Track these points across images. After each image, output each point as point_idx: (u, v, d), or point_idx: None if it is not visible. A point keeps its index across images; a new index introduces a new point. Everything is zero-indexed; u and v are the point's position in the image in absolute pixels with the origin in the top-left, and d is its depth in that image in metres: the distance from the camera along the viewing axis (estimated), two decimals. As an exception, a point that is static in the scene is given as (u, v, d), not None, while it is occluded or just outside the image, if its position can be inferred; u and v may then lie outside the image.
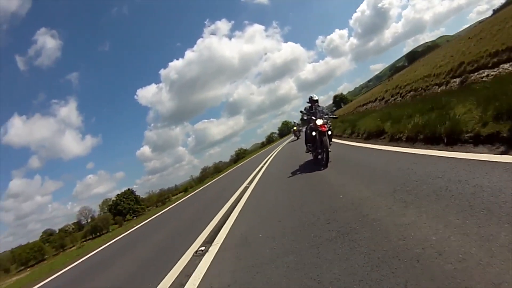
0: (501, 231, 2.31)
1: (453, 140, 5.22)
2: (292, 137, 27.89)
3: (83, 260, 10.38)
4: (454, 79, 16.74)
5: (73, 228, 66.97)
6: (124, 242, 11.20)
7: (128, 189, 55.20)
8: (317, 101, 7.83)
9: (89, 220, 68.35)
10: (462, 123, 5.19)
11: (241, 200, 8.23)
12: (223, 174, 32.08)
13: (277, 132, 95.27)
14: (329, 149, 6.98)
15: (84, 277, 7.67)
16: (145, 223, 15.39)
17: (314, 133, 7.25)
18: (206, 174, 55.90)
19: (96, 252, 11.27)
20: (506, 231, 2.29)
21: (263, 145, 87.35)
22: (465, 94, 6.88)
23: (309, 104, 8.04)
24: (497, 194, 2.88)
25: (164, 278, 4.41)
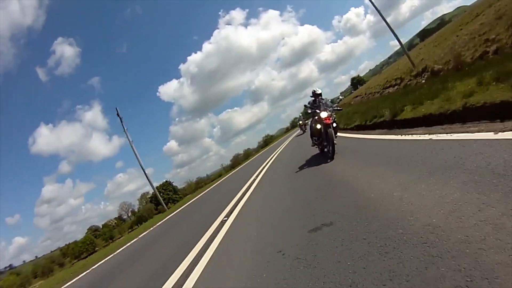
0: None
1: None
2: (298, 131, 27.39)
3: (136, 240, 13.02)
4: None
5: (115, 223, 70.34)
6: (172, 220, 14.23)
7: (166, 181, 59.65)
8: (320, 94, 7.87)
9: (129, 214, 71.46)
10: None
11: (262, 172, 10.83)
12: (252, 158, 36.31)
13: (300, 116, 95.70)
14: (334, 141, 6.89)
15: (144, 248, 9.39)
16: (190, 203, 18.55)
17: (319, 126, 7.25)
18: (238, 161, 58.77)
19: (147, 232, 14.12)
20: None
21: (287, 130, 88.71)
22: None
23: (313, 98, 8.04)
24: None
25: (214, 220, 6.93)
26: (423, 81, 13.12)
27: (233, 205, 7.98)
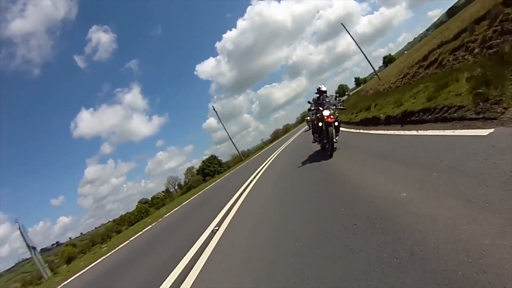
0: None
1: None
2: (305, 126, 26.26)
3: (189, 201, 17.97)
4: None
5: (163, 195, 76.22)
6: (218, 184, 19.25)
7: (212, 155, 65.41)
8: (325, 91, 7.84)
9: (176, 187, 77.49)
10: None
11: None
12: (288, 133, 41.02)
13: (335, 94, 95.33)
14: (335, 140, 6.94)
15: (198, 204, 13.62)
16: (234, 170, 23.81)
17: (320, 124, 7.33)
18: (278, 135, 63.60)
19: (198, 195, 19.19)
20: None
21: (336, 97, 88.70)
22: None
23: (317, 95, 7.97)
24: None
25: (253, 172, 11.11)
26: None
27: (264, 164, 12.28)
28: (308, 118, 22.09)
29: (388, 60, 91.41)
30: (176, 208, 16.98)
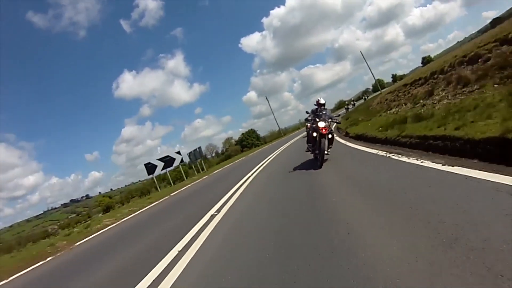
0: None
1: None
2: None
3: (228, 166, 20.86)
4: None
5: (200, 161, 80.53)
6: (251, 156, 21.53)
7: (251, 129, 67.22)
8: (323, 104, 8.01)
9: (213, 155, 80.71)
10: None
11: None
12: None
13: (370, 88, 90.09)
14: (326, 152, 7.20)
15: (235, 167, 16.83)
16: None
17: (315, 134, 7.44)
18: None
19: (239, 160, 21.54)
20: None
21: (363, 94, 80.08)
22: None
23: (316, 107, 8.12)
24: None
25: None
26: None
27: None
28: (308, 125, 21.61)
29: (426, 61, 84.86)
30: (217, 171, 20.91)
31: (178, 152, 29.69)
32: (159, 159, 27.76)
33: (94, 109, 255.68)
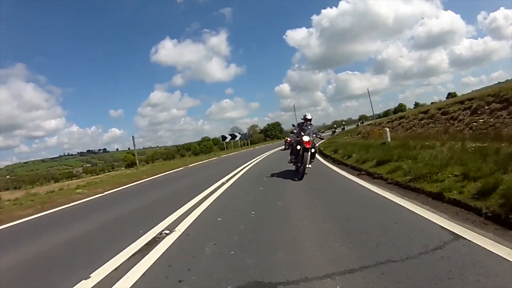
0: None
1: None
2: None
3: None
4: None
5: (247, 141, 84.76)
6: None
7: (277, 122, 71.56)
8: (310, 120, 8.34)
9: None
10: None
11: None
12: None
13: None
14: (308, 165, 7.51)
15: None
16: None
17: (298, 147, 7.71)
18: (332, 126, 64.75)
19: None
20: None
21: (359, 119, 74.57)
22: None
23: (302, 121, 8.46)
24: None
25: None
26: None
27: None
28: (288, 139, 22.20)
29: (451, 96, 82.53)
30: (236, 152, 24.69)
31: (238, 133, 56.95)
32: (229, 134, 55.63)
33: (128, 68, 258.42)
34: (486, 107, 10.31)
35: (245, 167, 11.45)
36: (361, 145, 11.75)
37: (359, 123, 48.64)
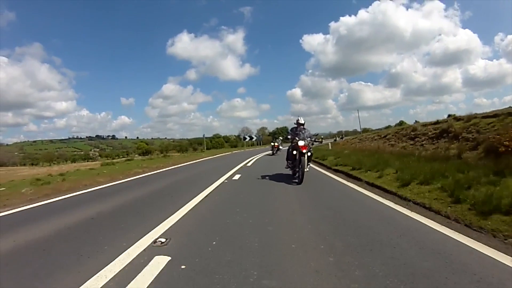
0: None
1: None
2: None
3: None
4: None
5: (234, 139, 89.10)
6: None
7: (285, 127, 75.32)
8: (303, 124, 8.43)
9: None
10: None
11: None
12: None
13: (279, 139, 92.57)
14: (306, 169, 7.55)
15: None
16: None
17: (294, 152, 7.76)
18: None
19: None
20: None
21: (338, 134, 77.08)
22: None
23: (296, 126, 8.52)
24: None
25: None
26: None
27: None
28: (275, 144, 24.24)
29: (449, 117, 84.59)
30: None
31: (254, 136, 69.04)
32: (248, 136, 66.91)
33: (143, 58, 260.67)
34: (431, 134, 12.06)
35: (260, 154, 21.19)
36: (320, 149, 21.24)
37: (337, 138, 53.38)
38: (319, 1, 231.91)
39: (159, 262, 2.69)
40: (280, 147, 25.31)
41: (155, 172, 12.61)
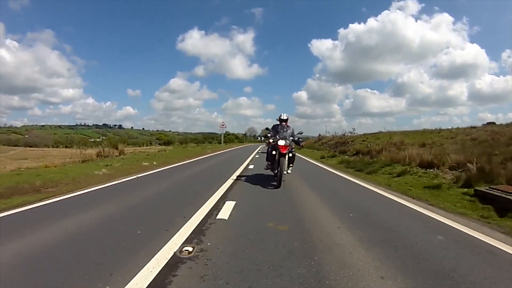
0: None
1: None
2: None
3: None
4: None
5: (242, 136, 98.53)
6: None
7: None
8: (285, 120, 7.53)
9: (251, 135, 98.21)
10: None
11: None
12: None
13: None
14: (285, 171, 6.95)
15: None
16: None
17: (274, 153, 7.06)
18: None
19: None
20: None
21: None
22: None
23: (278, 123, 7.64)
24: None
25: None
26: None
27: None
28: (271, 140, 26.92)
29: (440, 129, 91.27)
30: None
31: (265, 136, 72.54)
32: (261, 135, 75.69)
33: (153, 51, 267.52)
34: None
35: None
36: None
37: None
38: (329, 7, 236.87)
39: (230, 205, 4.86)
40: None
41: (216, 153, 22.37)
